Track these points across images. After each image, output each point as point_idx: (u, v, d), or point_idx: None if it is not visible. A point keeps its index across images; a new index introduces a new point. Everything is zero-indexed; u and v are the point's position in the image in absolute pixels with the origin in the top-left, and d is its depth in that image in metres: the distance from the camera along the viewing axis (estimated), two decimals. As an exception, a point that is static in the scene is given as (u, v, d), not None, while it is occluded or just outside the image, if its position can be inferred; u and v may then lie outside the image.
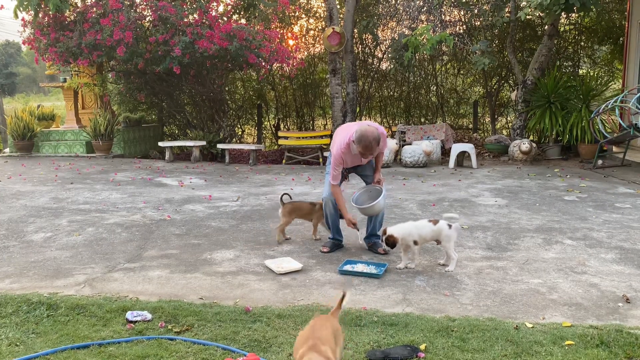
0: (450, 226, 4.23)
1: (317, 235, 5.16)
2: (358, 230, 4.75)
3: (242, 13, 11.61)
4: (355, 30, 11.85)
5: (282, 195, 5.10)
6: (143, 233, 5.39)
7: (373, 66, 13.36)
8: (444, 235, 4.22)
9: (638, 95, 8.58)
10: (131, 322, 3.28)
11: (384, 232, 4.31)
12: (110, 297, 3.71)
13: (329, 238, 4.93)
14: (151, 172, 9.28)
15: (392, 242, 4.24)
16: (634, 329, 3.16)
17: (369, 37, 12.59)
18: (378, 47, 13.16)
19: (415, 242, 4.26)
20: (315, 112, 14.32)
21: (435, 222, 4.29)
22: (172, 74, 10.24)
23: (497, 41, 12.36)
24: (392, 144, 10.12)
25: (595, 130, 9.40)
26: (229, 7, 11.40)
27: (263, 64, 10.84)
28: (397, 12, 12.68)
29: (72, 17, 10.51)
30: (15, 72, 45.48)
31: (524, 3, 9.73)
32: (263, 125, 13.88)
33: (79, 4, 10.87)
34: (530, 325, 3.22)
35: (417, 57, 11.87)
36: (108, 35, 9.68)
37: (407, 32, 11.86)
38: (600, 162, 9.31)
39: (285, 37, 12.27)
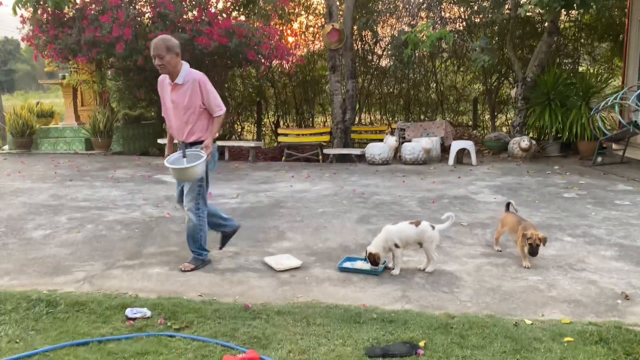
0: (433, 227, 4.13)
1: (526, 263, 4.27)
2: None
3: (241, 10, 11.59)
4: (355, 27, 11.82)
5: (508, 203, 4.69)
6: (142, 230, 5.39)
7: (373, 63, 13.35)
8: (427, 237, 4.11)
9: (638, 92, 8.57)
10: (131, 319, 3.28)
11: (366, 252, 4.14)
12: (110, 294, 3.71)
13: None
14: (150, 169, 9.27)
15: (372, 259, 4.07)
16: (633, 326, 3.16)
17: (369, 34, 12.57)
18: (378, 44, 13.14)
19: (397, 245, 4.11)
20: (314, 109, 14.31)
21: (417, 223, 4.18)
22: (171, 71, 10.20)
23: (497, 38, 12.34)
24: (391, 141, 10.12)
25: (595, 127, 9.39)
26: (229, 3, 11.38)
27: (262, 60, 10.82)
28: (396, 9, 12.66)
29: (71, 14, 10.47)
30: (14, 69, 45.43)
31: (524, 0, 9.72)
32: (262, 123, 13.87)
33: (78, 1, 10.84)
34: (530, 322, 3.22)
35: (416, 54, 11.84)
36: (107, 32, 9.65)
37: (406, 29, 11.83)
38: (599, 159, 9.30)
39: (285, 34, 12.25)
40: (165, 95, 4.23)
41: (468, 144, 9.80)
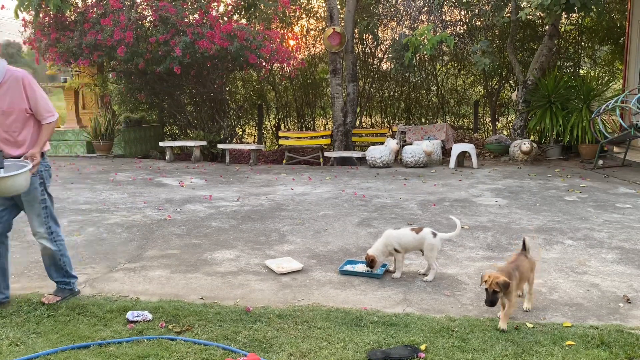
0: (435, 235, 4.05)
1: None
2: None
3: (242, 13, 11.61)
4: (356, 31, 11.85)
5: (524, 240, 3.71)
6: (143, 233, 5.39)
7: (373, 66, 13.37)
8: (427, 245, 4.03)
9: (639, 95, 8.57)
10: (132, 322, 3.28)
11: (366, 255, 4.14)
12: (111, 297, 3.71)
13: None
14: (152, 172, 9.28)
15: (369, 262, 4.07)
16: (635, 329, 3.16)
17: (370, 37, 12.60)
18: (378, 47, 13.16)
19: (397, 250, 4.10)
20: (315, 112, 14.33)
21: (419, 230, 4.11)
22: (172, 74, 10.24)
23: (497, 41, 12.36)
24: (392, 144, 10.12)
25: (596, 130, 9.39)
26: (230, 7, 11.40)
27: (263, 64, 10.84)
28: (397, 12, 12.67)
29: (72, 17, 10.52)
30: (15, 72, 45.43)
31: (525, 3, 9.73)
32: (263, 125, 13.89)
33: (80, 4, 10.88)
34: (531, 326, 3.22)
35: (417, 57, 11.86)
36: (109, 35, 9.69)
37: (407, 32, 11.85)
38: (600, 162, 9.30)
39: (286, 37, 12.27)
40: None
41: (469, 147, 9.80)
